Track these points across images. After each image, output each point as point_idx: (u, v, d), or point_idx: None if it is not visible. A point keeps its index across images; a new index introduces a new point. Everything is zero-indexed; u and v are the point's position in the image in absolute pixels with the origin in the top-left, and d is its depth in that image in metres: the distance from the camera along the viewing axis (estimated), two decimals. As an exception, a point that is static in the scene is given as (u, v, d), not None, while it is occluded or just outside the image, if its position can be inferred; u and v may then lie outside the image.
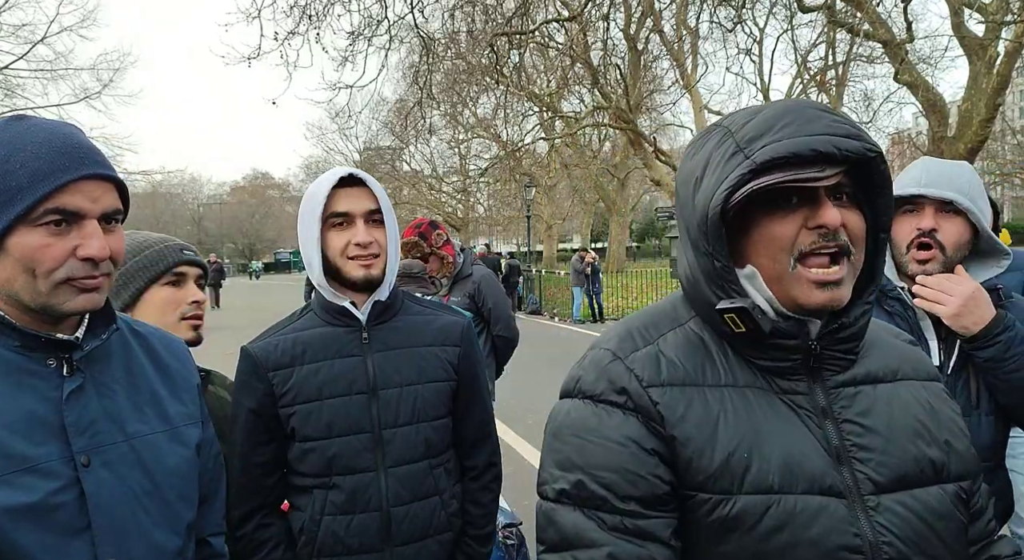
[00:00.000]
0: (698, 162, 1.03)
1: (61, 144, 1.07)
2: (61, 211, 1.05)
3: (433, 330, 1.73)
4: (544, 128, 22.58)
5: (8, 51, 22.44)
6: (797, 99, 1.07)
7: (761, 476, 0.95)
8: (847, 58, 22.51)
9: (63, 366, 1.09)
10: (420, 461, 1.65)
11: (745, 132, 0.98)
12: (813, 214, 0.96)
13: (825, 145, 0.93)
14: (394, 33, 12.73)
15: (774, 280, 1.00)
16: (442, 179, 37.30)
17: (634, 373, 1.01)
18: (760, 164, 0.93)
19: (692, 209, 1.02)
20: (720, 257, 0.99)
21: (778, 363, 1.02)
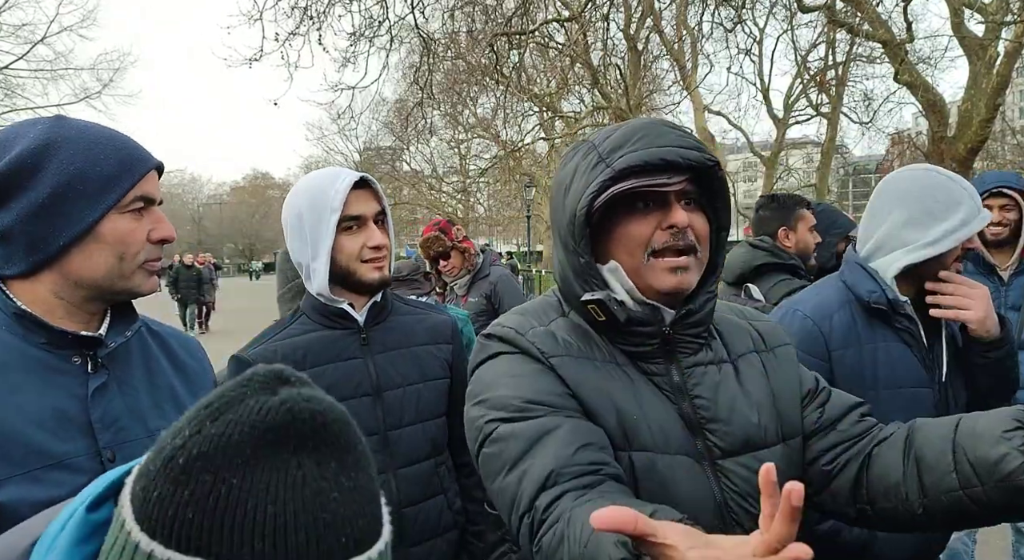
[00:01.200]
0: (568, 171, 1.19)
1: (124, 137, 1.17)
2: (145, 198, 1.15)
3: (425, 329, 1.74)
4: (544, 128, 22.59)
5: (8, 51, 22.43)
6: (652, 118, 1.28)
7: (646, 436, 1.11)
8: (847, 58, 22.49)
9: (87, 363, 1.12)
10: (426, 460, 1.66)
11: (606, 145, 1.15)
12: (665, 216, 1.13)
13: (672, 155, 1.10)
14: (395, 33, 12.74)
15: (633, 272, 1.16)
16: (442, 179, 37.28)
17: (535, 345, 1.16)
18: (618, 171, 1.10)
19: (562, 212, 1.18)
20: (584, 254, 1.15)
21: (639, 348, 1.18)
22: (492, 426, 1.09)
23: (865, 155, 55.47)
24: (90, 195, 1.08)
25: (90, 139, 1.11)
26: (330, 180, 1.60)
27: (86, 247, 1.09)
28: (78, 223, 1.07)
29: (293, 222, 1.62)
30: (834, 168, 33.39)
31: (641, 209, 1.15)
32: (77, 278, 1.10)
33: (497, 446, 1.07)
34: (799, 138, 34.82)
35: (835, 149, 27.53)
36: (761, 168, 29.74)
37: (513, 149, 23.04)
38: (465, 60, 18.75)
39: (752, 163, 40.24)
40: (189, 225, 70.40)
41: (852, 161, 41.98)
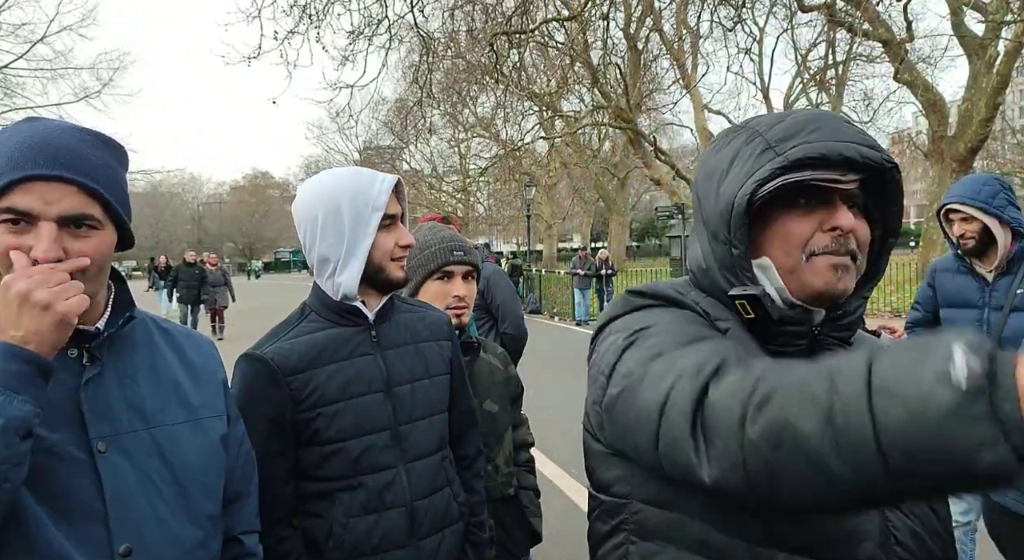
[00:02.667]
0: (723, 157, 1.10)
1: (30, 144, 1.07)
2: (12, 210, 1.04)
3: (425, 326, 1.76)
4: (544, 128, 22.60)
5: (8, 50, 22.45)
6: (820, 110, 1.17)
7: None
8: (847, 57, 22.53)
9: (83, 356, 1.12)
10: (435, 454, 1.69)
11: (775, 133, 1.06)
12: (828, 217, 1.04)
13: (851, 151, 1.01)
14: (394, 32, 12.74)
15: (787, 272, 1.07)
16: (442, 179, 37.30)
17: (700, 306, 1.09)
18: (792, 161, 1.01)
19: (715, 200, 1.09)
20: (739, 245, 1.06)
21: (784, 348, 1.09)
22: (647, 330, 1.00)
23: (865, 154, 55.36)
24: None
25: (3, 141, 1.07)
26: (370, 180, 1.61)
27: None
28: None
29: (329, 218, 1.61)
30: (834, 167, 33.26)
31: (803, 206, 1.05)
32: None
33: (651, 339, 0.98)
34: (799, 137, 34.73)
35: (835, 148, 27.45)
36: (761, 167, 29.71)
37: (513, 148, 23.03)
38: (465, 59, 18.75)
39: (752, 162, 40.25)
40: (189, 224, 70.40)
41: (852, 160, 41.86)
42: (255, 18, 11.05)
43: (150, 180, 48.86)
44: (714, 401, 0.82)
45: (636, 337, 1.01)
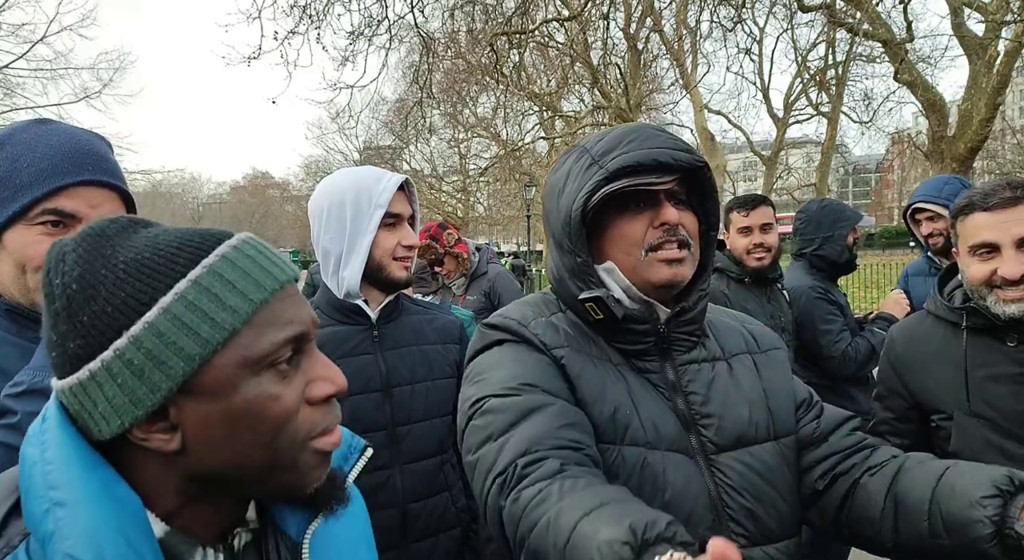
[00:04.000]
0: (560, 175, 1.24)
1: (70, 148, 1.09)
2: (57, 212, 1.07)
3: (435, 328, 1.75)
4: (544, 128, 22.58)
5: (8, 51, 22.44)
6: (640, 123, 1.34)
7: (637, 432, 1.13)
8: (847, 57, 22.49)
9: None
10: (432, 457, 1.68)
11: (598, 148, 1.19)
12: (656, 215, 1.18)
13: (663, 156, 1.15)
14: (394, 32, 12.73)
15: (630, 270, 1.20)
16: (442, 179, 37.26)
17: (539, 336, 1.19)
18: (612, 172, 1.14)
19: (557, 214, 1.22)
20: (581, 253, 1.18)
21: (634, 346, 1.21)
22: (483, 401, 1.12)
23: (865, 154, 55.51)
24: (2, 201, 1.06)
25: (31, 145, 1.07)
26: (376, 178, 1.63)
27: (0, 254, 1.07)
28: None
29: (332, 211, 1.62)
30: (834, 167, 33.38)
31: (633, 209, 1.19)
32: (4, 286, 1.09)
33: (484, 418, 1.09)
34: (799, 137, 34.75)
35: (835, 148, 27.50)
36: (761, 167, 29.73)
37: (513, 148, 23.04)
38: (465, 59, 18.74)
39: (752, 162, 40.24)
40: (189, 224, 70.25)
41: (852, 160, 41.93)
42: (255, 19, 11.05)
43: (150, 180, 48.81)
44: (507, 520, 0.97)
45: (477, 406, 1.12)
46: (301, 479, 0.73)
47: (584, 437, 1.07)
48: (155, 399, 0.65)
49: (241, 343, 0.66)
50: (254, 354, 0.67)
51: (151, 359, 0.64)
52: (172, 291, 0.65)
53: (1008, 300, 1.56)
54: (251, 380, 0.67)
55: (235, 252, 0.69)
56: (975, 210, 1.61)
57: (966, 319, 1.65)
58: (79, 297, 0.65)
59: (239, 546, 0.77)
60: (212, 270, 0.66)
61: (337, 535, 0.83)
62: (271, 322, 0.68)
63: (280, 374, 0.69)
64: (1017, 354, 1.60)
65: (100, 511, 0.63)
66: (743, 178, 47.30)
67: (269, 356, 0.68)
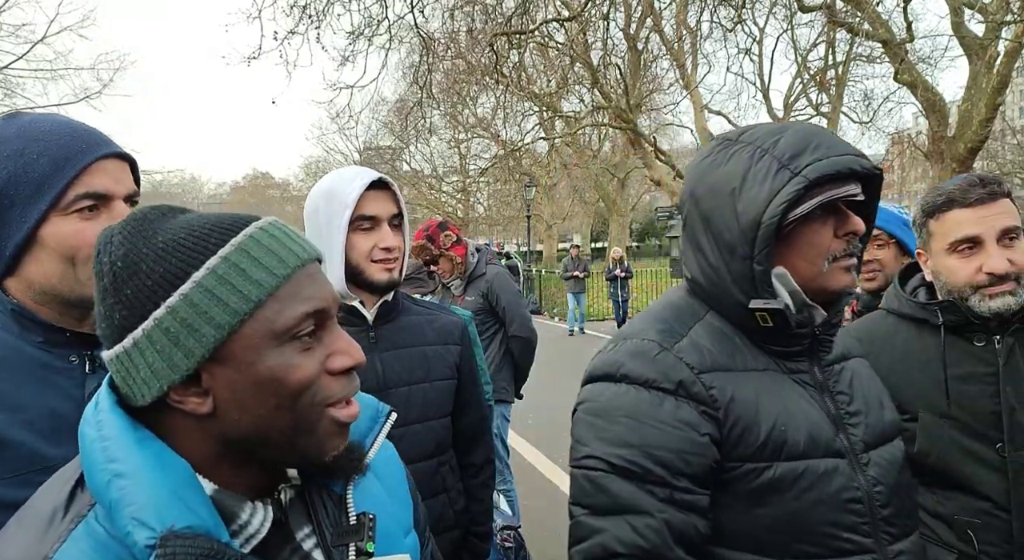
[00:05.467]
0: (731, 174, 1.16)
1: (71, 129, 1.07)
2: (92, 195, 1.04)
3: (435, 329, 1.74)
4: (544, 128, 22.58)
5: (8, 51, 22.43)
6: (806, 123, 1.26)
7: (794, 445, 1.12)
8: (847, 58, 22.49)
9: (85, 363, 1.08)
10: (430, 459, 1.66)
11: (782, 150, 1.13)
12: (841, 224, 1.16)
13: (855, 164, 1.12)
14: (394, 33, 12.73)
15: (808, 278, 1.17)
16: (442, 179, 37.27)
17: (685, 362, 1.14)
18: (812, 180, 1.09)
19: (733, 217, 1.15)
20: (763, 262, 1.13)
21: (789, 348, 1.20)
22: (594, 463, 1.12)
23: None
24: (24, 200, 1.01)
25: (30, 137, 1.03)
26: (348, 179, 1.61)
27: (35, 254, 1.03)
28: (17, 231, 1.01)
29: (311, 215, 1.64)
30: (834, 168, 33.17)
31: (819, 216, 1.15)
32: (39, 286, 1.05)
33: (590, 486, 1.12)
34: (799, 138, 34.66)
35: (835, 149, 27.40)
36: (761, 168, 29.64)
37: (513, 149, 23.02)
38: (465, 60, 18.74)
39: (752, 163, 40.16)
40: (189, 225, 70.13)
41: (852, 161, 41.71)
42: (255, 19, 11.06)
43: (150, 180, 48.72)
44: None
45: (588, 462, 1.13)
46: (320, 446, 0.78)
47: (670, 554, 1.08)
48: (190, 364, 0.72)
49: (266, 315, 0.73)
50: (277, 326, 0.73)
51: (186, 327, 0.71)
52: (204, 266, 0.72)
53: (992, 295, 1.55)
54: (275, 350, 0.74)
55: (261, 232, 0.76)
56: (954, 207, 1.59)
57: (941, 315, 1.62)
58: (123, 273, 0.73)
59: (286, 500, 0.83)
60: (240, 248, 0.74)
61: (378, 486, 0.92)
62: (294, 296, 0.75)
63: (302, 345, 0.75)
64: (985, 354, 1.58)
65: (156, 478, 0.71)
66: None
67: (292, 328, 0.74)
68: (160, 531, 0.67)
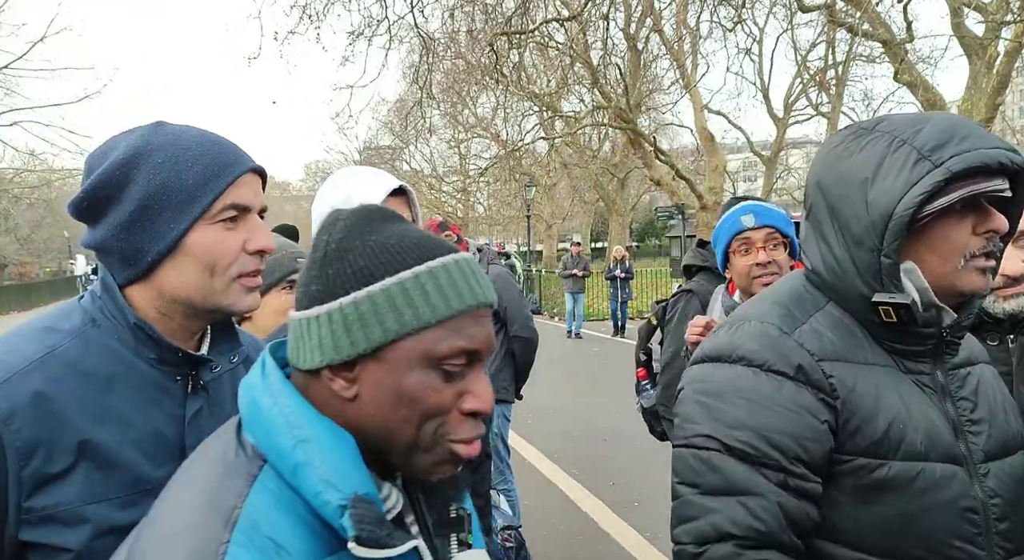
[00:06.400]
0: (864, 163, 1.11)
1: (218, 141, 1.09)
2: (237, 206, 1.07)
3: None
4: (544, 128, 22.56)
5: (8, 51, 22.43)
6: (952, 114, 1.20)
7: (912, 444, 1.08)
8: (847, 58, 22.50)
9: (188, 384, 1.08)
10: None
11: (923, 140, 1.06)
12: (981, 221, 1.09)
13: (1004, 158, 1.04)
14: (394, 33, 12.74)
15: (940, 275, 1.11)
16: (442, 179, 37.26)
17: (805, 348, 1.11)
18: (955, 173, 1.02)
19: (863, 208, 1.10)
20: (892, 255, 1.08)
21: (912, 347, 1.15)
22: (707, 442, 1.10)
23: (865, 155, 55.20)
24: (175, 207, 1.02)
25: (180, 146, 1.05)
26: (369, 183, 1.60)
27: (176, 261, 1.04)
28: (164, 237, 1.03)
29: (317, 220, 1.64)
30: (834, 168, 33.19)
31: (958, 211, 1.08)
32: (171, 294, 1.05)
33: (702, 466, 1.10)
34: (799, 138, 34.72)
35: (835, 149, 27.40)
36: (761, 167, 29.73)
37: (513, 149, 23.03)
38: (465, 59, 18.75)
39: (752, 163, 40.22)
40: (189, 225, 70.06)
41: (852, 161, 41.72)
42: (255, 19, 11.04)
43: (150, 180, 48.62)
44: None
45: (699, 441, 1.11)
46: (431, 468, 0.85)
47: (784, 538, 1.06)
48: (351, 352, 0.79)
49: (429, 337, 0.80)
50: (435, 351, 0.80)
51: (360, 321, 0.79)
52: (396, 276, 0.80)
53: (1007, 297, 1.54)
54: (423, 370, 0.80)
55: (454, 265, 0.83)
56: None
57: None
58: (333, 255, 0.81)
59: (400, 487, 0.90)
60: (431, 271, 0.81)
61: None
62: (458, 331, 0.81)
63: (447, 376, 0.82)
64: (999, 353, 1.57)
65: (336, 446, 0.79)
66: (743, 178, 47.27)
67: (446, 358, 0.81)
68: (348, 493, 0.75)
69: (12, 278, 45.80)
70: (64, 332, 1.03)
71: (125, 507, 0.97)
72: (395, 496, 0.85)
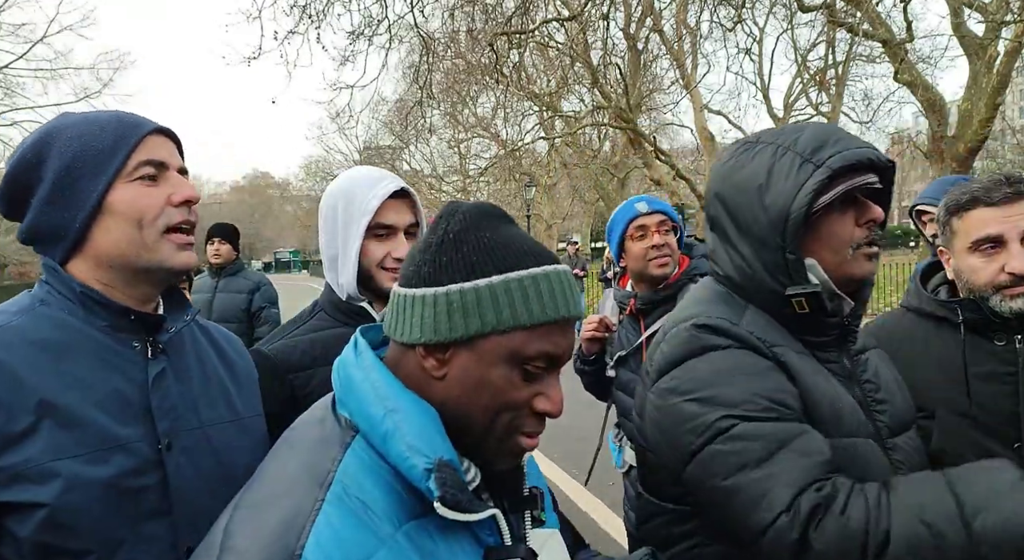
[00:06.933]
0: (755, 171, 1.23)
1: (121, 114, 1.16)
2: (152, 162, 1.13)
3: None
4: (544, 128, 22.55)
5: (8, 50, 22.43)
6: (823, 123, 1.34)
7: (847, 422, 1.19)
8: (847, 58, 22.49)
9: (147, 349, 1.12)
10: None
11: (804, 146, 1.20)
12: (860, 213, 1.22)
13: (872, 155, 1.19)
14: (394, 32, 12.73)
15: (835, 266, 1.23)
16: (442, 179, 37.26)
17: (755, 335, 1.20)
18: (835, 170, 1.16)
19: (760, 211, 1.21)
20: (795, 251, 1.19)
21: (821, 338, 1.26)
22: (728, 422, 1.11)
23: (865, 155, 55.11)
24: (91, 171, 1.08)
25: (87, 121, 1.12)
26: (371, 183, 1.60)
27: (103, 222, 1.09)
28: (87, 200, 1.08)
29: (327, 214, 1.63)
30: (834, 168, 33.19)
31: (839, 208, 1.22)
32: (107, 258, 1.10)
33: (735, 444, 1.10)
34: (799, 137, 34.64)
35: (835, 149, 27.39)
36: (761, 167, 29.63)
37: (513, 148, 23.03)
38: (465, 59, 18.74)
39: (752, 162, 40.12)
40: (189, 224, 70.03)
41: (852, 161, 41.70)
42: (255, 19, 11.06)
43: (150, 180, 48.61)
44: (822, 551, 1.01)
45: (719, 427, 1.12)
46: (498, 455, 0.91)
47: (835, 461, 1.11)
48: (447, 336, 0.85)
49: (520, 337, 0.86)
50: (522, 351, 0.86)
51: (462, 310, 0.85)
52: (503, 275, 0.85)
53: (1013, 296, 1.55)
54: (508, 366, 0.86)
55: (556, 275, 0.89)
56: (978, 205, 1.58)
57: (962, 313, 1.62)
58: (450, 243, 0.87)
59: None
60: (535, 278, 0.87)
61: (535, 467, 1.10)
62: (546, 337, 0.87)
63: (527, 375, 0.88)
64: (1006, 353, 1.59)
65: (422, 416, 0.85)
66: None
67: (531, 359, 0.87)
68: (434, 458, 0.81)
69: (12, 278, 45.80)
70: (11, 313, 1.07)
71: (95, 463, 1.00)
72: (474, 471, 0.90)
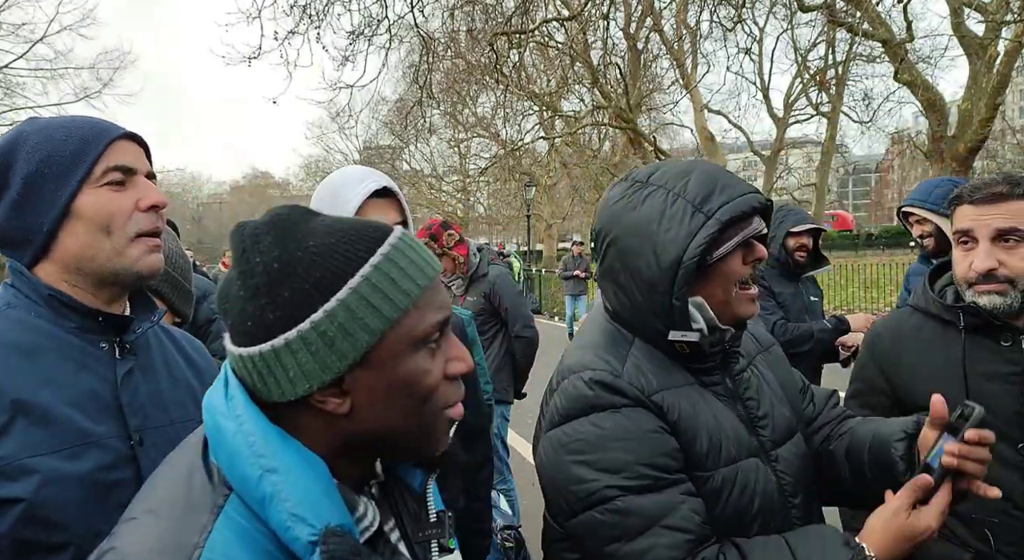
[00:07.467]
0: (646, 217, 1.24)
1: (90, 118, 1.16)
2: (120, 168, 1.12)
3: None
4: (544, 128, 22.56)
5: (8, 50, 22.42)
6: (702, 161, 1.36)
7: (727, 451, 1.23)
8: (847, 57, 22.49)
9: (115, 349, 1.14)
10: None
11: (692, 194, 1.22)
12: (748, 253, 1.26)
13: (756, 202, 1.23)
14: (394, 32, 12.72)
15: (722, 304, 1.26)
16: (442, 178, 37.24)
17: (635, 386, 1.22)
18: (725, 222, 1.19)
19: (651, 256, 1.22)
20: (682, 299, 1.21)
21: (705, 364, 1.30)
22: (610, 493, 1.15)
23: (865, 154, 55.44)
24: (59, 175, 1.09)
25: (55, 126, 1.12)
26: (355, 182, 1.60)
27: (71, 227, 1.10)
28: (54, 204, 1.08)
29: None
30: (834, 167, 33.34)
31: (731, 250, 1.25)
32: (75, 262, 1.11)
33: (615, 517, 1.15)
34: (799, 137, 34.72)
35: (835, 148, 27.49)
36: (761, 167, 29.73)
37: (513, 148, 23.02)
38: (465, 59, 18.74)
39: (752, 162, 40.24)
40: (189, 225, 70.29)
41: (852, 160, 41.94)
42: (255, 19, 11.05)
43: (150, 180, 48.60)
44: None
45: (600, 497, 1.16)
46: (434, 444, 0.85)
47: (707, 531, 1.16)
48: (341, 366, 0.75)
49: (408, 323, 0.77)
50: (417, 333, 0.78)
51: (341, 331, 0.74)
52: (358, 274, 0.75)
53: (980, 292, 1.59)
54: (411, 356, 0.78)
55: (402, 244, 0.80)
56: (962, 202, 1.65)
57: (963, 318, 1.65)
58: (278, 275, 0.74)
59: (377, 495, 0.88)
60: (388, 258, 0.77)
61: (435, 489, 1.00)
62: (429, 305, 0.79)
63: (431, 352, 0.80)
64: (1011, 354, 1.60)
65: (307, 475, 0.74)
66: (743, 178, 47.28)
67: (428, 335, 0.79)
68: (319, 528, 0.71)
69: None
70: None
71: (71, 459, 1.02)
72: (371, 512, 0.83)
